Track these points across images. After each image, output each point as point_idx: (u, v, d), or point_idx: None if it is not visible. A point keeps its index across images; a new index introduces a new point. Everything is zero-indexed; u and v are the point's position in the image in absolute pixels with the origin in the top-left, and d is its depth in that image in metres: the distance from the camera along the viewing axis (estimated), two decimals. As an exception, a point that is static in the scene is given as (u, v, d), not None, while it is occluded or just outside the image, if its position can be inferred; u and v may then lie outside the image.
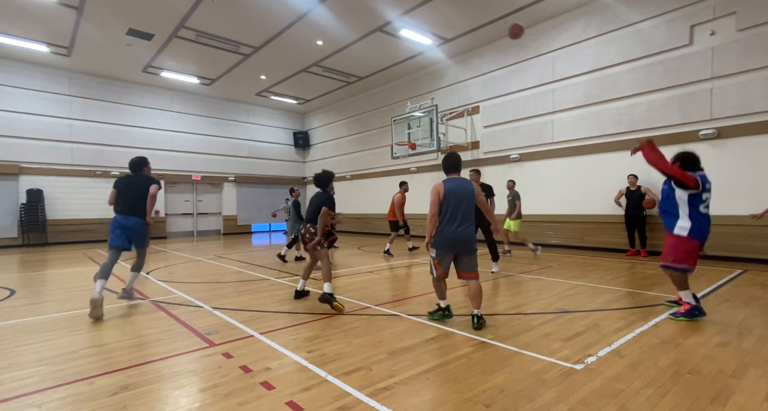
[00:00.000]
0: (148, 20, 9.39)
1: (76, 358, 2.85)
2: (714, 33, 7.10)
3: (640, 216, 7.65)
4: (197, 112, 15.49)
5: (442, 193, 3.45)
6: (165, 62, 12.04)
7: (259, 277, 6.14)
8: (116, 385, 2.37)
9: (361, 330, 3.39)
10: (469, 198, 3.51)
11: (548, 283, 5.34)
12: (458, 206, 3.44)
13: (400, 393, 2.23)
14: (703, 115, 7.25)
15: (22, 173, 11.86)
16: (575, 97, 9.03)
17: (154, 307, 4.29)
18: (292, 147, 18.35)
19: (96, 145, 13.19)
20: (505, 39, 10.41)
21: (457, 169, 3.62)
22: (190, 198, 15.57)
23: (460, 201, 3.45)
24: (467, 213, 3.48)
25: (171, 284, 5.60)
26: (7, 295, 5.09)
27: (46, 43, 10.62)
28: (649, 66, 7.89)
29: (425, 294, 4.78)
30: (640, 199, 7.58)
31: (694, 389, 2.24)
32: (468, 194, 3.50)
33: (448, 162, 3.63)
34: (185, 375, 2.53)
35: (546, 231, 9.75)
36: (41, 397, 2.24)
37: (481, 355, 2.78)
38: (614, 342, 3.00)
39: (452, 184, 3.51)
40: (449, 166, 3.62)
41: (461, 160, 3.69)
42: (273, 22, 9.54)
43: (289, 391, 2.26)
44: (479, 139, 11.16)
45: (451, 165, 3.61)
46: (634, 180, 7.75)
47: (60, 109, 12.57)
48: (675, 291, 4.61)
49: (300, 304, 4.34)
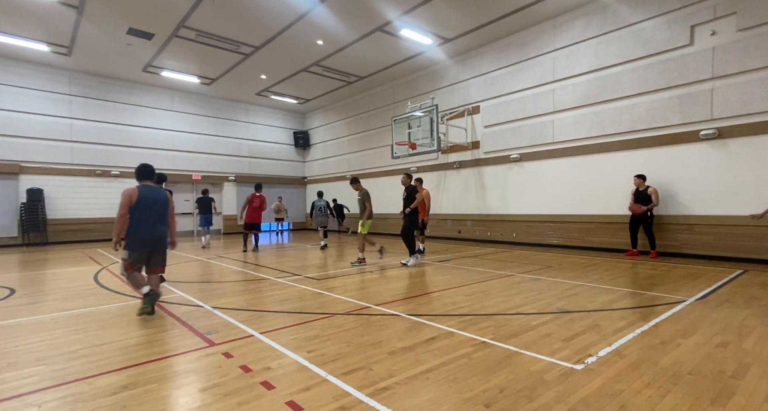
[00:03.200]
0: (149, 20, 9.39)
1: (75, 357, 2.85)
2: (715, 33, 7.09)
3: (645, 216, 7.54)
4: (197, 111, 15.49)
5: (135, 198, 3.91)
6: (165, 62, 12.04)
7: (259, 276, 6.14)
8: (116, 385, 2.37)
9: (361, 330, 3.39)
10: (163, 203, 4.11)
11: (548, 283, 5.33)
12: (152, 210, 4.00)
13: (400, 393, 2.22)
14: (703, 115, 7.25)
15: (22, 172, 11.86)
16: (576, 97, 9.03)
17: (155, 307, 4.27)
18: (293, 146, 18.35)
19: (96, 145, 13.20)
20: (505, 39, 10.41)
21: (151, 178, 4.20)
22: (191, 197, 15.57)
23: (153, 205, 4.00)
24: (161, 216, 4.09)
25: (171, 284, 5.60)
26: (7, 294, 5.09)
27: (46, 43, 10.62)
28: (649, 66, 7.88)
29: (426, 294, 4.78)
30: (647, 200, 7.49)
31: (695, 390, 2.23)
32: (162, 200, 4.11)
33: (142, 171, 4.14)
34: (185, 374, 2.52)
35: (546, 231, 9.75)
36: (41, 397, 2.24)
37: (481, 355, 2.78)
38: (615, 342, 3.00)
39: (145, 191, 4.02)
40: (143, 174, 4.14)
41: (154, 170, 4.27)
42: (273, 22, 9.53)
43: (289, 390, 2.26)
44: (479, 139, 11.16)
45: (145, 174, 4.15)
46: (641, 181, 7.66)
47: (60, 108, 12.57)
48: (678, 290, 4.61)
49: (300, 304, 4.34)
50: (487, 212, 11.06)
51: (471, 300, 4.42)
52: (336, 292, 4.89)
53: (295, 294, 4.86)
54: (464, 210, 11.67)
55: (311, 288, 5.20)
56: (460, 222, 11.81)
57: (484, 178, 11.16)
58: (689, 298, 4.39)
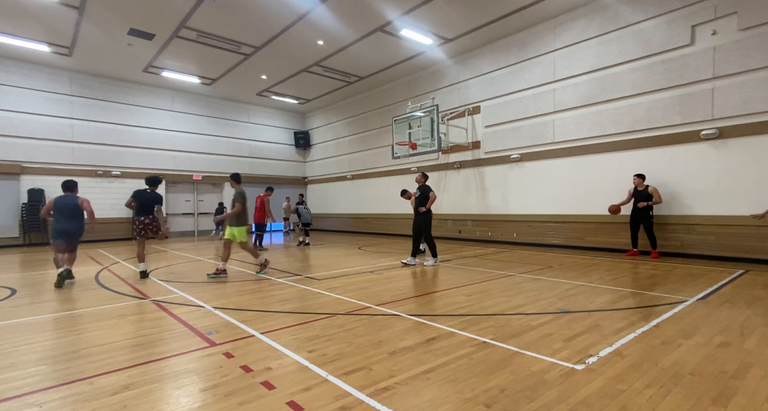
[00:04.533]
0: (149, 20, 9.40)
1: (76, 357, 2.85)
2: (715, 33, 7.08)
3: (646, 216, 7.50)
4: (198, 111, 15.51)
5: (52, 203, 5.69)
6: (166, 62, 12.05)
7: (259, 276, 6.14)
8: (117, 385, 2.37)
9: (361, 330, 3.39)
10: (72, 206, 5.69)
11: (549, 283, 5.33)
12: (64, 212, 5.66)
13: (401, 393, 2.23)
14: (704, 115, 7.24)
15: (23, 173, 11.88)
16: (576, 96, 9.03)
17: (156, 307, 4.29)
18: (293, 147, 18.36)
19: (97, 145, 13.22)
20: (506, 39, 10.41)
21: (73, 190, 5.83)
22: (191, 198, 15.59)
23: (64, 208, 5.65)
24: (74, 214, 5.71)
25: (172, 284, 5.60)
26: (8, 294, 5.10)
27: (47, 43, 10.64)
28: (650, 66, 7.88)
29: (426, 294, 4.78)
30: (646, 199, 7.46)
31: (696, 390, 2.23)
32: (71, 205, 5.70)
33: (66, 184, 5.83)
34: (186, 375, 2.53)
35: (547, 231, 9.74)
36: (42, 397, 2.24)
37: (481, 355, 2.78)
38: (615, 342, 3.00)
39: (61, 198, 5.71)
40: (66, 187, 5.81)
41: (76, 184, 5.89)
42: (274, 22, 9.54)
43: (290, 390, 2.26)
44: (480, 139, 11.16)
45: (68, 186, 5.81)
46: (640, 180, 7.62)
47: (62, 108, 12.60)
48: (679, 290, 4.61)
49: (301, 304, 4.35)
50: (487, 212, 11.06)
51: (472, 300, 4.42)
52: (337, 292, 4.89)
53: (295, 294, 4.87)
54: (465, 210, 11.67)
55: (312, 288, 5.20)
56: (460, 222, 11.80)
57: (484, 178, 11.16)
58: (690, 298, 4.38)
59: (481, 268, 6.60)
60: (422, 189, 7.17)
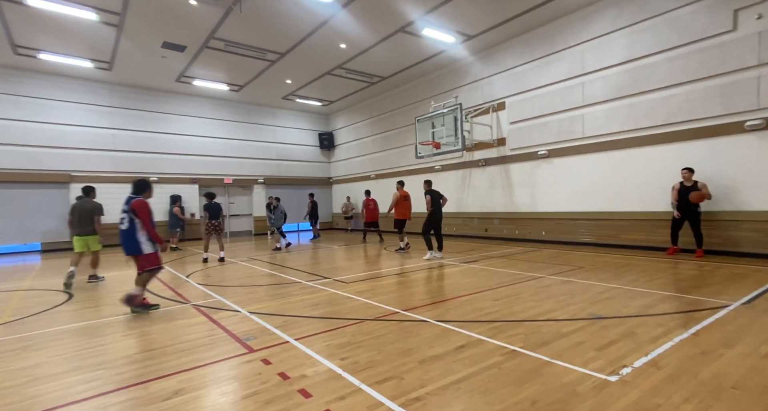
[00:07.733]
0: (181, 33, 9.84)
1: (132, 362, 3.10)
2: (761, 17, 6.62)
3: (694, 212, 7.04)
4: (227, 117, 16.08)
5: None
6: (197, 71, 12.57)
7: (290, 280, 6.36)
8: (169, 390, 2.57)
9: (391, 336, 3.48)
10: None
11: (580, 285, 5.22)
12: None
13: (432, 403, 2.29)
14: (749, 104, 6.80)
15: (72, 181, 12.77)
16: (606, 89, 8.69)
17: (196, 312, 4.55)
18: (318, 148, 18.68)
19: (136, 153, 14.00)
20: (530, 32, 10.14)
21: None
22: (223, 200, 16.21)
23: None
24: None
25: (209, 287, 5.91)
26: (67, 298, 5.55)
27: (90, 59, 11.36)
28: (687, 55, 7.47)
29: (454, 298, 4.80)
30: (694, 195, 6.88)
31: (739, 405, 2.16)
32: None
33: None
34: (228, 381, 2.70)
35: (577, 229, 9.48)
36: (105, 400, 2.47)
37: (511, 364, 2.79)
38: (651, 351, 2.92)
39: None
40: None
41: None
42: (297, 29, 9.75)
43: (326, 399, 2.37)
44: (505, 136, 10.96)
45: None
46: (689, 174, 7.07)
47: (103, 119, 13.42)
48: (721, 293, 4.40)
49: (331, 309, 4.48)
50: (514, 210, 10.87)
51: (499, 305, 4.41)
52: (365, 296, 5.00)
53: (325, 298, 5.02)
54: (491, 208, 11.52)
55: (341, 292, 5.34)
56: (486, 220, 11.67)
57: (510, 175, 10.96)
58: (734, 302, 4.18)
59: (508, 270, 6.53)
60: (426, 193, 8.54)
